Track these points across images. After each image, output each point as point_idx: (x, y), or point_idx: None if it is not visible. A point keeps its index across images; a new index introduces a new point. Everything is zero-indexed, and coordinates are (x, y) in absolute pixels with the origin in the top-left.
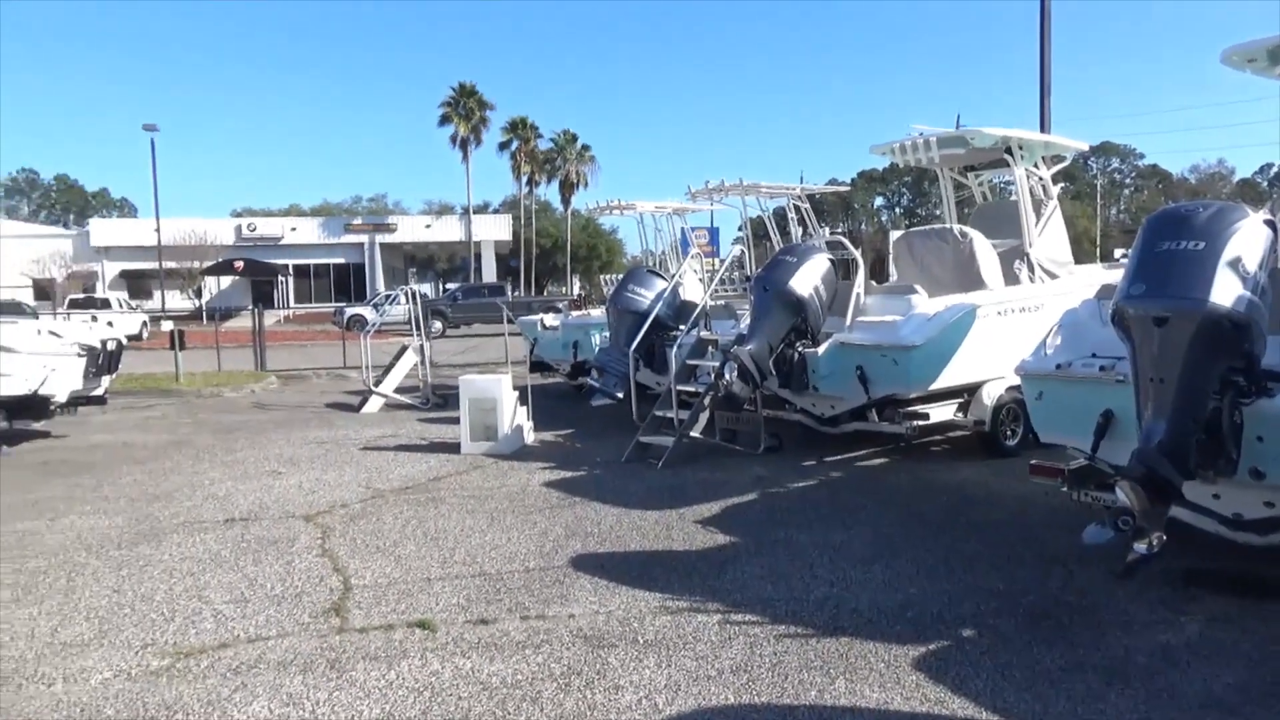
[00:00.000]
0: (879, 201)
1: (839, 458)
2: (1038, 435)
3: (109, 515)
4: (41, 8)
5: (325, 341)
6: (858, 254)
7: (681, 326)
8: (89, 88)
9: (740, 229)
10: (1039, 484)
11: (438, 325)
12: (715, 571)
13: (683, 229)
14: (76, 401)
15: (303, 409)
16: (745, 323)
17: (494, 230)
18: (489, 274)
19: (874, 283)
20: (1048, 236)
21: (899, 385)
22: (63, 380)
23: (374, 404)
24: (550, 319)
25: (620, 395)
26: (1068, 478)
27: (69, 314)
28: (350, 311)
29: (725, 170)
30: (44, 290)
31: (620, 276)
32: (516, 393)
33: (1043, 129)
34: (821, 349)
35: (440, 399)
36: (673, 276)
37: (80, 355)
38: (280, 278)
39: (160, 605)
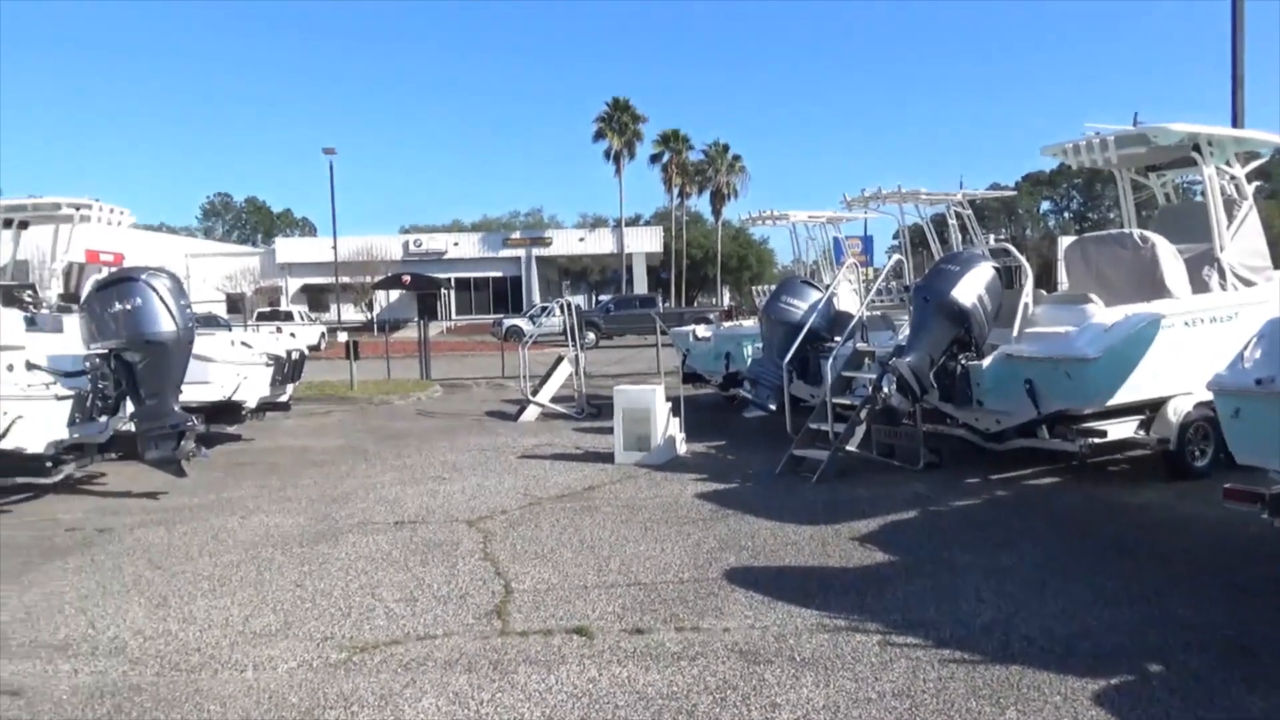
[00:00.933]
0: (1045, 206)
1: (1004, 476)
2: (1233, 456)
3: (292, 514)
4: (236, 45)
5: (484, 352)
6: (1024, 261)
7: (837, 338)
8: (276, 116)
9: (895, 237)
10: (1234, 510)
11: (591, 336)
12: (874, 590)
13: (836, 238)
14: (264, 407)
15: (464, 416)
16: (904, 334)
17: (645, 242)
18: (640, 286)
19: (1043, 292)
20: (1242, 240)
21: (1073, 400)
22: (253, 387)
23: (531, 413)
24: (702, 330)
25: (773, 407)
26: (1270, 504)
27: (257, 326)
28: (508, 323)
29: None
30: (235, 304)
31: (773, 287)
32: (669, 404)
33: (1235, 124)
34: (986, 361)
35: (594, 409)
36: (827, 287)
37: (268, 364)
38: (443, 291)
39: (338, 601)
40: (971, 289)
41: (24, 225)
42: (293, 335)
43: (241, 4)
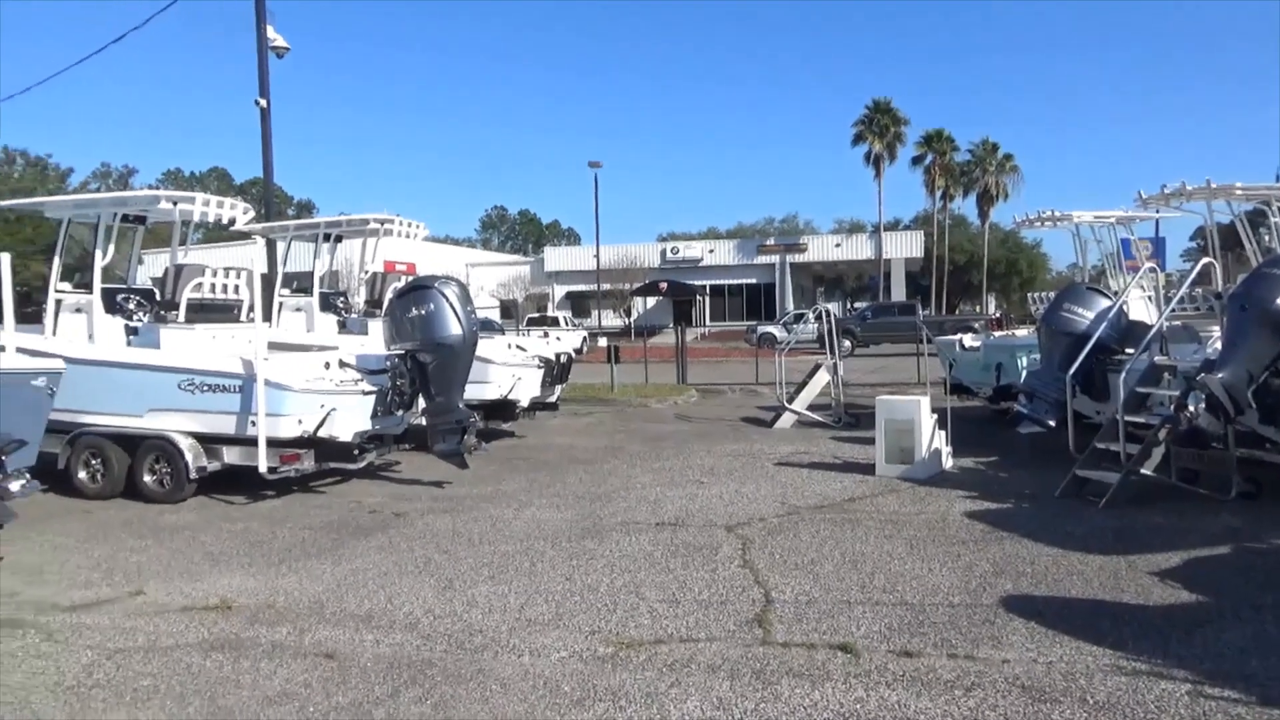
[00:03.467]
0: None
1: None
2: None
3: (561, 509)
4: (510, 71)
5: (738, 358)
6: None
7: (1128, 350)
8: (546, 133)
9: (1193, 239)
10: None
11: (846, 344)
12: (1180, 633)
13: (1125, 239)
14: (535, 406)
15: (719, 422)
16: (1214, 347)
17: (905, 247)
18: (898, 292)
19: None
20: None
21: None
22: (526, 388)
23: (786, 420)
24: (970, 339)
25: (1053, 423)
26: None
27: (527, 331)
28: (761, 330)
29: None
30: (507, 310)
31: (1053, 294)
32: (934, 415)
33: None
34: None
35: (852, 418)
36: (1116, 294)
37: (539, 367)
38: (698, 297)
39: (604, 596)
40: None
41: (338, 239)
42: (558, 339)
43: (517, 35)
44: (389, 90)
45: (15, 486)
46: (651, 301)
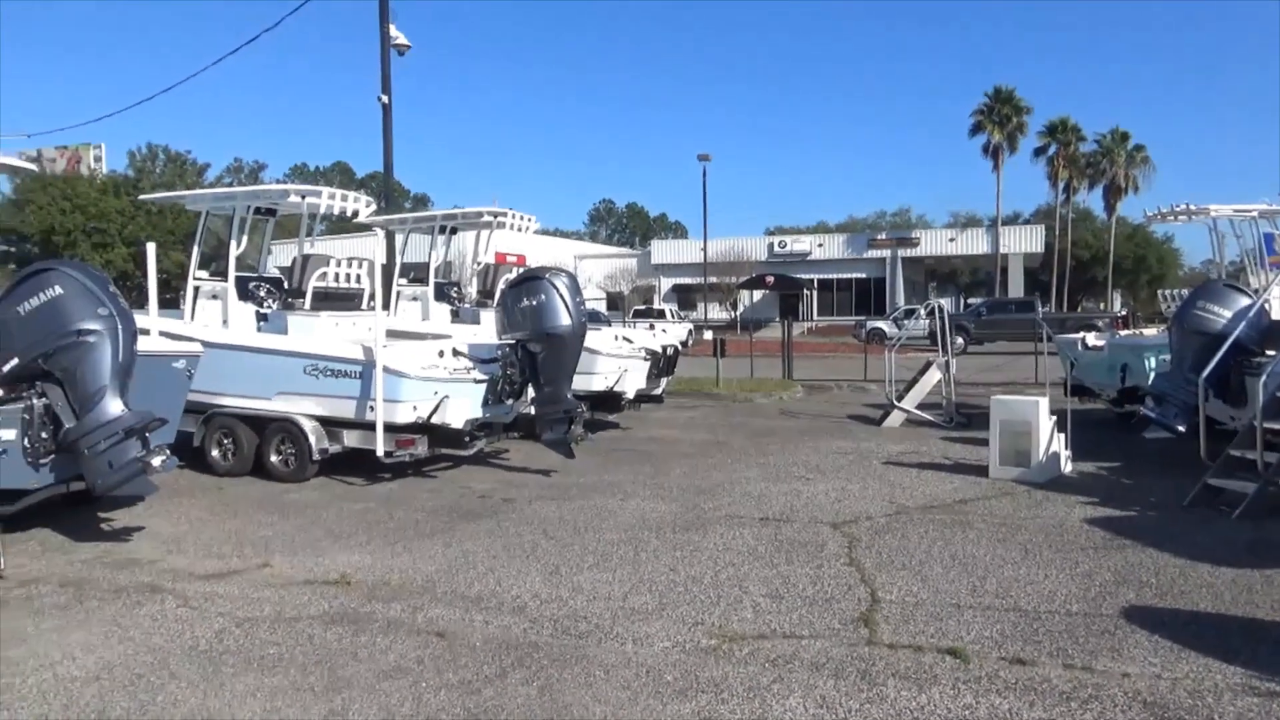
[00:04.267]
0: None
1: None
2: None
3: (664, 501)
4: (619, 64)
5: (845, 354)
6: None
7: (1270, 351)
8: (655, 126)
9: None
10: None
11: (959, 341)
12: None
13: (1267, 235)
14: (640, 399)
15: (825, 418)
16: None
17: (1024, 242)
18: (1015, 288)
19: None
20: None
21: None
22: (632, 380)
23: (895, 418)
24: (1093, 338)
25: (1182, 429)
26: None
27: (634, 323)
28: (870, 325)
29: None
30: (614, 302)
31: (1186, 292)
32: (1053, 417)
33: None
34: None
35: (964, 418)
36: (1258, 292)
37: (645, 359)
38: (805, 291)
39: (707, 588)
40: None
41: (454, 231)
42: (664, 331)
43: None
44: (501, 85)
45: (157, 462)
46: (758, 295)
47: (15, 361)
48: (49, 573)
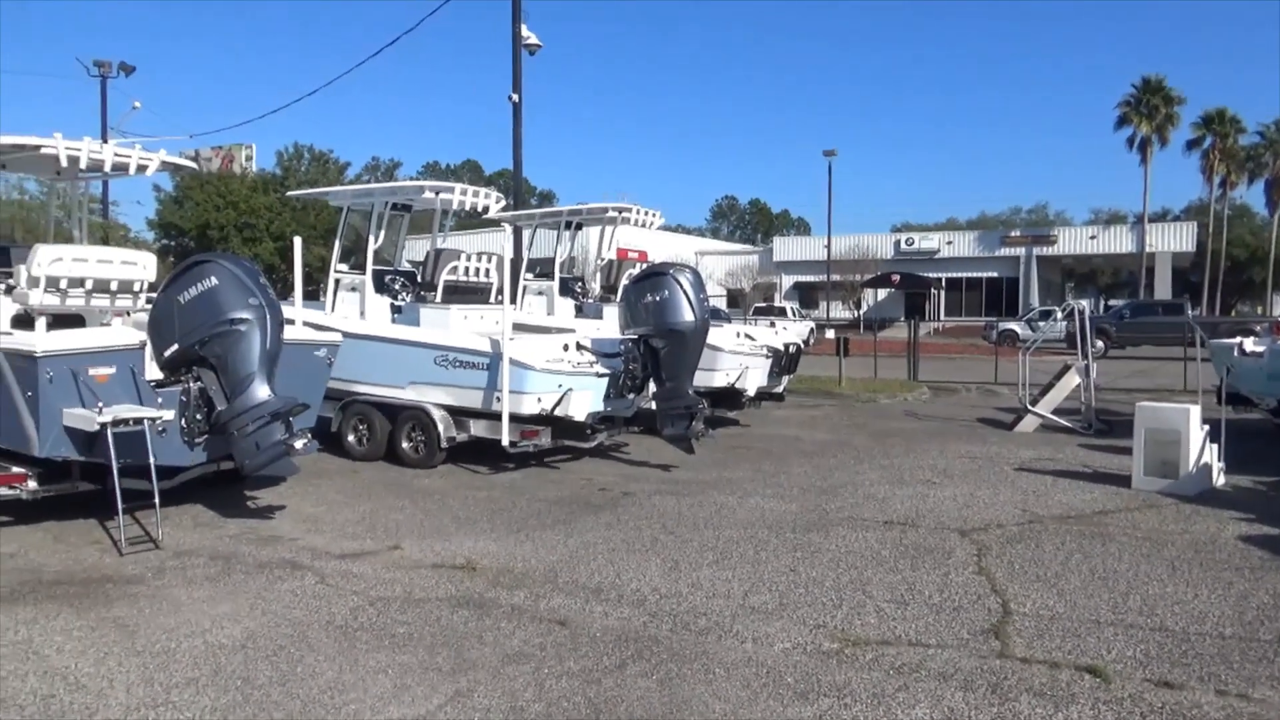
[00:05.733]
0: None
1: None
2: None
3: (784, 500)
4: (746, 61)
5: (974, 355)
6: None
7: None
8: (778, 122)
9: None
10: None
11: (1099, 344)
12: None
13: None
14: (761, 396)
15: (953, 421)
16: None
17: (1172, 240)
18: (1162, 289)
19: None
20: None
21: None
22: (754, 377)
23: (1028, 423)
24: (1252, 344)
25: None
26: None
27: (754, 320)
28: (1002, 326)
29: None
30: (734, 299)
31: None
32: (1206, 427)
33: None
34: None
35: (1104, 425)
36: None
37: (767, 356)
38: (933, 291)
39: (829, 591)
40: None
41: (579, 227)
42: (784, 329)
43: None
44: (625, 83)
45: (299, 445)
46: (882, 294)
47: (175, 347)
48: (200, 546)
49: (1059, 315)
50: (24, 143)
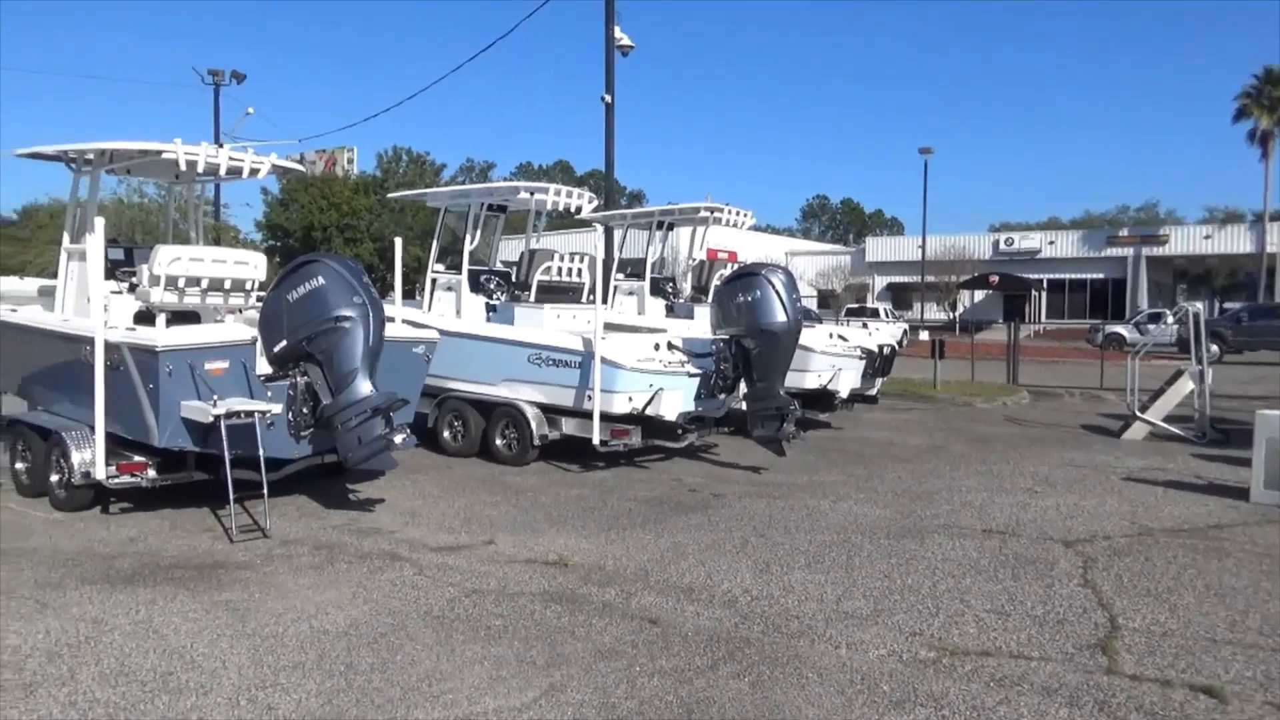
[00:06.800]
0: None
1: None
2: None
3: (878, 505)
4: (836, 60)
5: (1077, 359)
6: None
7: None
8: (871, 121)
9: None
10: None
11: (1214, 349)
12: None
13: None
14: (854, 398)
15: (1056, 427)
16: None
17: None
18: None
19: None
20: None
21: None
22: (846, 379)
23: (1137, 431)
24: None
25: None
26: None
27: (847, 321)
28: (1107, 329)
29: None
30: (825, 300)
31: None
32: None
33: None
34: None
35: (1220, 434)
36: None
37: (860, 358)
38: (1033, 292)
39: (925, 599)
40: None
41: (670, 227)
42: (876, 330)
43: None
44: (715, 82)
45: (399, 439)
46: (980, 295)
47: (284, 344)
48: (305, 535)
49: (1170, 318)
50: (149, 148)
